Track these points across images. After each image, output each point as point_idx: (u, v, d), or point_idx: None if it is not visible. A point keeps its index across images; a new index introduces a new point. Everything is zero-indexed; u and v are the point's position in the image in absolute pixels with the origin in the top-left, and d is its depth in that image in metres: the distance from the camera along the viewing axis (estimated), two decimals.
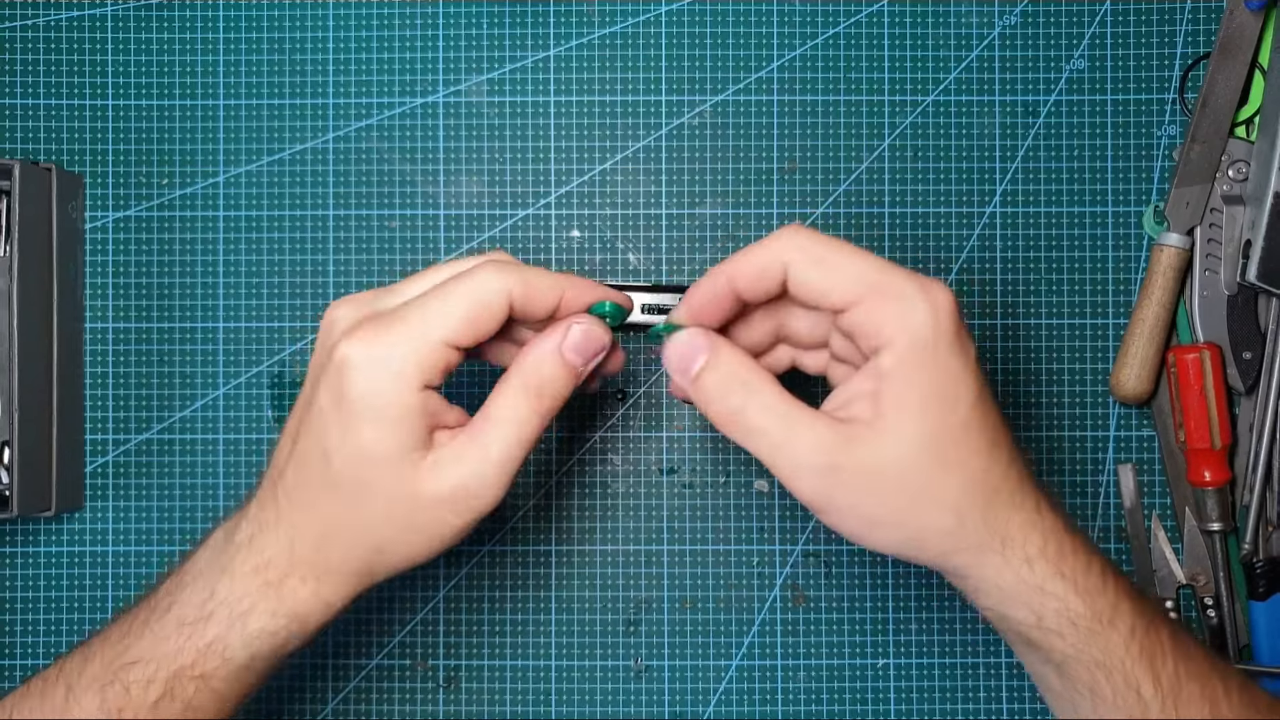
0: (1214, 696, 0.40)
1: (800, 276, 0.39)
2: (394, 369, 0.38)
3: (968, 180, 0.54)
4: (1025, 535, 0.39)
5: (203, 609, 0.40)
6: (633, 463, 0.54)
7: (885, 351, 0.38)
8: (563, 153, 0.54)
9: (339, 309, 0.41)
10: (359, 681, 0.54)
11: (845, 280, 0.38)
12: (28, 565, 0.54)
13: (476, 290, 0.39)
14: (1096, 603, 0.39)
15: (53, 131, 0.54)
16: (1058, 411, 0.54)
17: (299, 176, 0.54)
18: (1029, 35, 0.54)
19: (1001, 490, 0.39)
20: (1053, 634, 0.39)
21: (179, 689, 0.40)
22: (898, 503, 0.38)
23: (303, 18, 0.54)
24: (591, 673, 0.54)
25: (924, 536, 0.39)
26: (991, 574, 0.39)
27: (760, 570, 0.54)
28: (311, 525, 0.40)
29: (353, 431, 0.39)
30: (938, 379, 0.38)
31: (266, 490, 0.41)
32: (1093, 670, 0.39)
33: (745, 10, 0.54)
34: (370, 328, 0.39)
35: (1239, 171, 0.52)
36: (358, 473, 0.39)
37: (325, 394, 0.39)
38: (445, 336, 0.39)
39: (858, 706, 0.53)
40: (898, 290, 0.38)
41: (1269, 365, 0.51)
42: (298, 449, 0.40)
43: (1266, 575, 0.51)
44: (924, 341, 0.38)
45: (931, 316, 0.38)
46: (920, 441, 0.38)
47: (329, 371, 0.39)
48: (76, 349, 0.54)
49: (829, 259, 0.38)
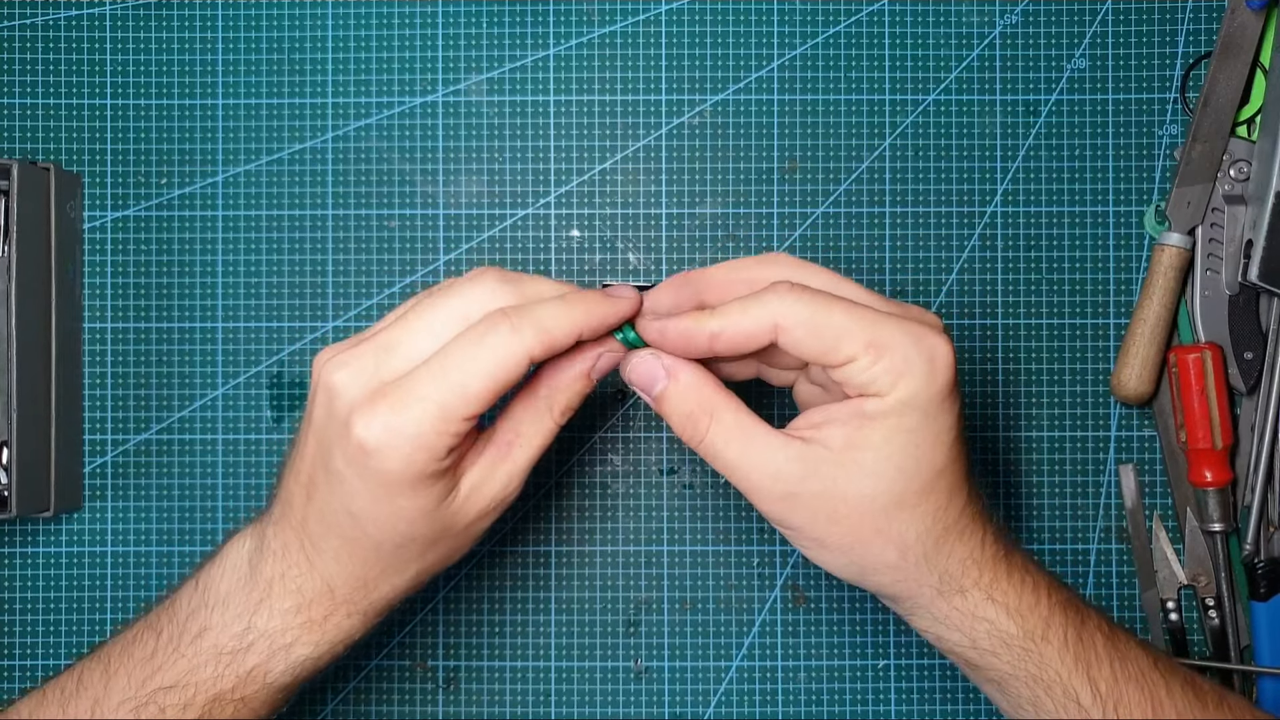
0: (1156, 696, 0.40)
1: (792, 341, 0.38)
2: (421, 444, 0.37)
3: (968, 180, 0.54)
4: (963, 569, 0.40)
5: (242, 639, 0.40)
6: (633, 463, 0.54)
7: (871, 401, 0.38)
8: (563, 152, 0.54)
9: (335, 373, 0.38)
10: (358, 682, 0.54)
11: (840, 343, 0.37)
12: (27, 566, 0.54)
13: (496, 360, 0.37)
14: (1028, 621, 0.40)
15: (51, 131, 0.54)
16: (1059, 412, 0.54)
17: (299, 176, 0.54)
18: (1030, 35, 0.54)
19: (951, 532, 0.40)
20: (987, 654, 0.41)
21: (217, 710, 0.41)
22: (848, 533, 0.39)
23: (303, 17, 0.54)
24: (591, 674, 0.54)
25: (867, 567, 0.40)
26: (925, 603, 0.41)
27: (760, 570, 0.54)
28: (350, 574, 0.40)
29: (384, 502, 0.38)
30: (918, 433, 0.38)
31: (288, 532, 0.41)
32: (1031, 686, 0.41)
33: (745, 10, 0.54)
34: (387, 406, 0.37)
35: (1240, 171, 0.52)
36: (396, 530, 0.39)
37: (346, 466, 0.38)
38: (466, 412, 0.37)
39: (858, 707, 0.53)
40: (893, 346, 0.37)
41: (1270, 365, 0.51)
42: (318, 504, 0.40)
43: (1268, 576, 0.51)
44: (914, 403, 0.38)
45: (927, 376, 0.37)
46: (883, 485, 0.38)
47: (347, 448, 0.37)
48: (75, 349, 0.54)
49: (821, 323, 0.37)
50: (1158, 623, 0.53)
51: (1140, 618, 0.53)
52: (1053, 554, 0.54)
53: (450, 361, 0.37)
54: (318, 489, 0.39)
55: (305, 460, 0.40)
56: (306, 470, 0.40)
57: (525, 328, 0.37)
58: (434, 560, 0.41)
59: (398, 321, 0.39)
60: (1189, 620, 0.53)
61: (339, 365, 0.38)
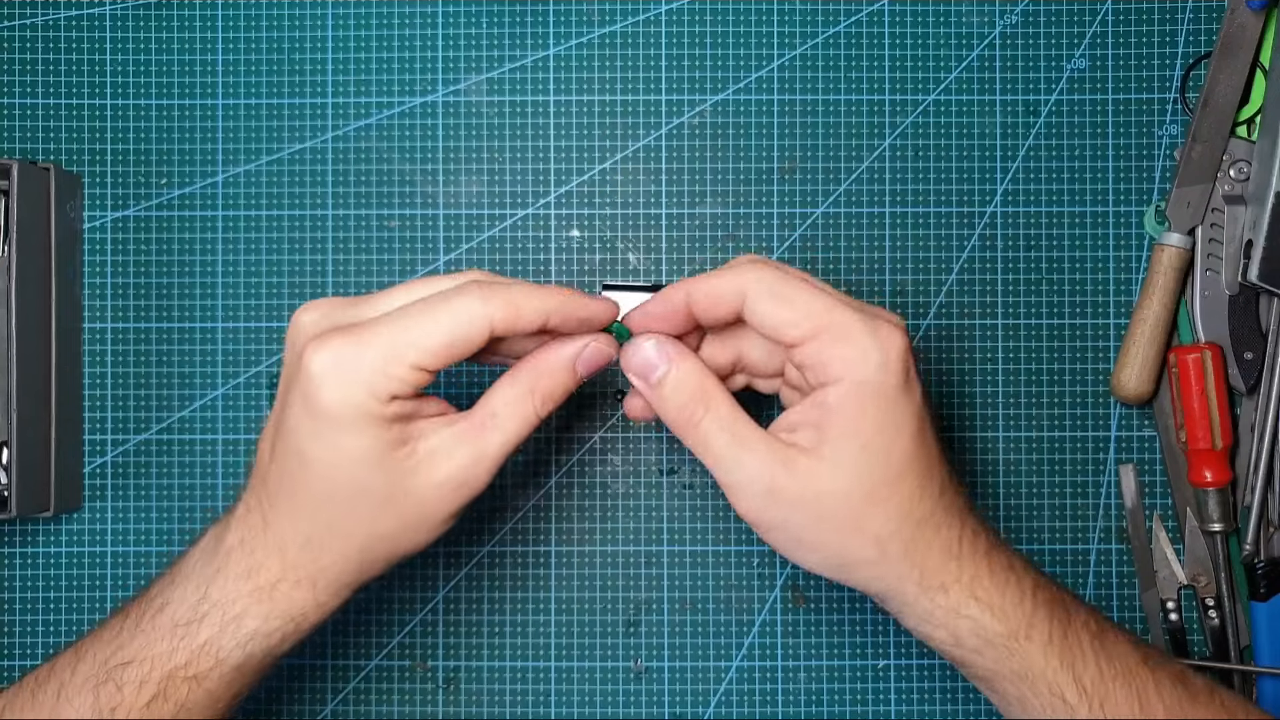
0: (1143, 693, 0.41)
1: (756, 308, 0.40)
2: (363, 379, 0.38)
3: (968, 180, 0.54)
4: (943, 565, 0.41)
5: (196, 610, 0.40)
6: (633, 463, 0.54)
7: (831, 388, 0.39)
8: (563, 153, 0.54)
9: (305, 313, 0.40)
10: (358, 682, 0.54)
11: (798, 316, 0.39)
12: (26, 566, 0.54)
13: (456, 317, 0.38)
14: (1011, 620, 0.41)
15: (51, 131, 0.54)
16: (1058, 412, 0.54)
17: (298, 176, 0.54)
18: (1030, 35, 0.54)
19: (926, 525, 0.41)
20: (971, 652, 0.41)
21: (172, 690, 0.40)
22: (825, 530, 0.40)
23: (303, 18, 0.54)
24: (591, 674, 0.54)
25: (846, 563, 0.41)
26: (910, 600, 0.41)
27: (760, 571, 0.54)
28: (299, 530, 0.40)
29: (327, 438, 0.38)
30: (879, 420, 0.39)
31: (251, 495, 0.41)
32: (1017, 684, 0.41)
33: (745, 10, 0.54)
34: (340, 337, 0.38)
35: (1240, 171, 0.52)
36: (339, 475, 0.39)
37: (297, 400, 0.39)
38: (416, 360, 0.38)
39: (858, 707, 0.53)
40: (848, 331, 0.39)
41: (1270, 365, 0.51)
42: (276, 454, 0.40)
43: (1268, 576, 0.51)
44: (869, 385, 0.39)
45: (880, 360, 0.39)
46: (854, 478, 0.39)
47: (299, 378, 0.38)
48: (75, 349, 0.54)
49: (785, 294, 0.40)
50: (1158, 623, 0.53)
51: (1140, 618, 0.54)
52: (1053, 554, 0.54)
53: (413, 310, 0.39)
54: (279, 438, 0.40)
55: (273, 414, 0.41)
56: (272, 422, 0.41)
57: (493, 297, 0.39)
58: (386, 531, 0.40)
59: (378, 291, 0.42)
60: (1189, 620, 0.53)
61: (308, 308, 0.41)
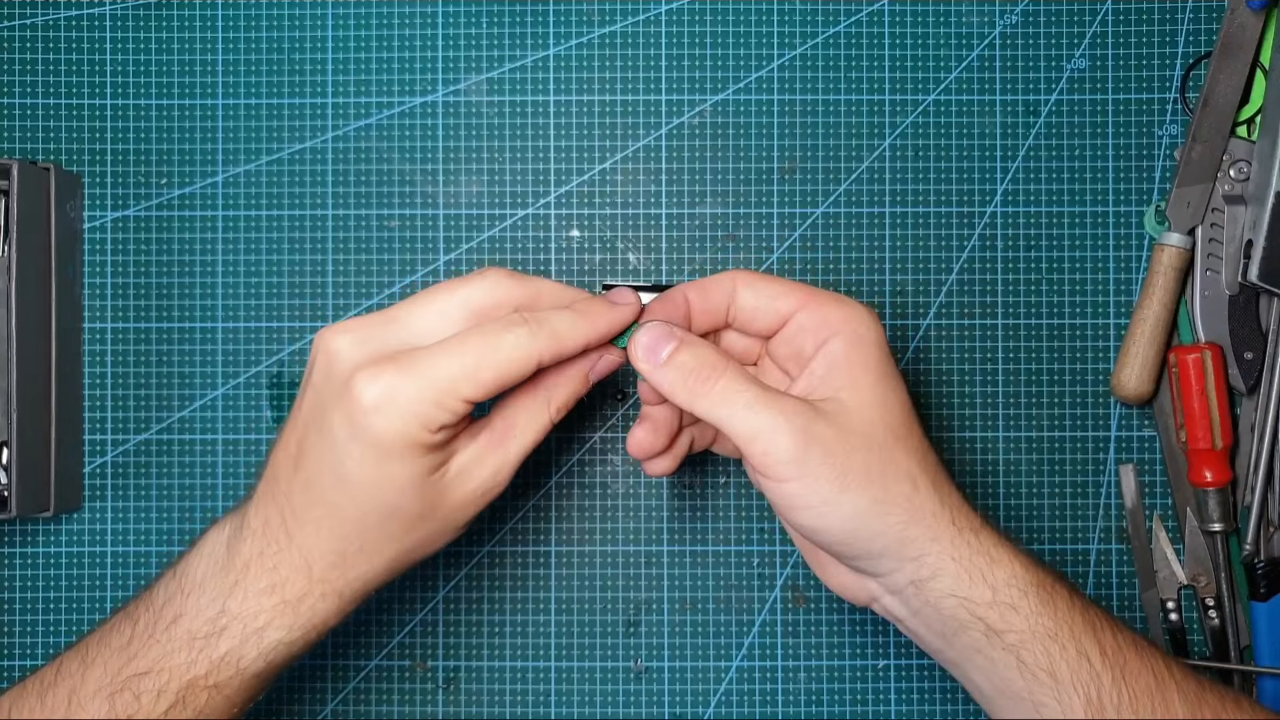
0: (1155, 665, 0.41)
1: (749, 290, 0.44)
2: (416, 412, 0.38)
3: (968, 180, 0.54)
4: (967, 510, 0.42)
5: (215, 624, 0.41)
6: (633, 463, 0.54)
7: (835, 339, 0.42)
8: (563, 153, 0.54)
9: (338, 337, 0.40)
10: (359, 682, 0.54)
11: (786, 293, 0.43)
12: (26, 566, 0.54)
13: (509, 355, 0.39)
14: (1037, 571, 0.41)
15: (52, 131, 0.54)
16: (1058, 412, 0.54)
17: (299, 176, 0.54)
18: (1029, 35, 0.54)
19: (941, 471, 0.43)
20: (1008, 608, 0.40)
21: (191, 698, 0.41)
22: (866, 461, 0.40)
23: (303, 18, 0.54)
24: (591, 674, 0.54)
25: (889, 498, 0.40)
26: (948, 545, 0.41)
27: (760, 570, 0.54)
28: (329, 548, 0.41)
29: (372, 464, 0.39)
30: (883, 364, 0.42)
31: (270, 507, 0.41)
32: (1048, 645, 0.40)
33: (745, 10, 0.54)
34: (393, 369, 0.38)
35: (1240, 171, 0.52)
36: (379, 498, 0.40)
37: (340, 425, 0.39)
38: (468, 394, 0.39)
39: (858, 707, 0.53)
40: (832, 298, 0.43)
41: (1270, 365, 0.51)
42: (305, 472, 0.40)
43: (1267, 576, 0.51)
44: (866, 335, 0.42)
45: (867, 317, 0.43)
46: (880, 412, 0.41)
47: (345, 406, 0.39)
48: (75, 349, 0.54)
49: (769, 279, 0.44)
50: (1158, 623, 0.53)
51: (1140, 618, 0.54)
52: (1053, 554, 0.54)
53: (467, 345, 0.39)
54: (307, 456, 0.40)
55: (297, 428, 0.41)
56: (296, 439, 0.41)
57: (540, 333, 0.40)
58: (413, 544, 0.42)
59: (404, 302, 0.41)
60: (1189, 620, 0.53)
61: (341, 331, 0.40)
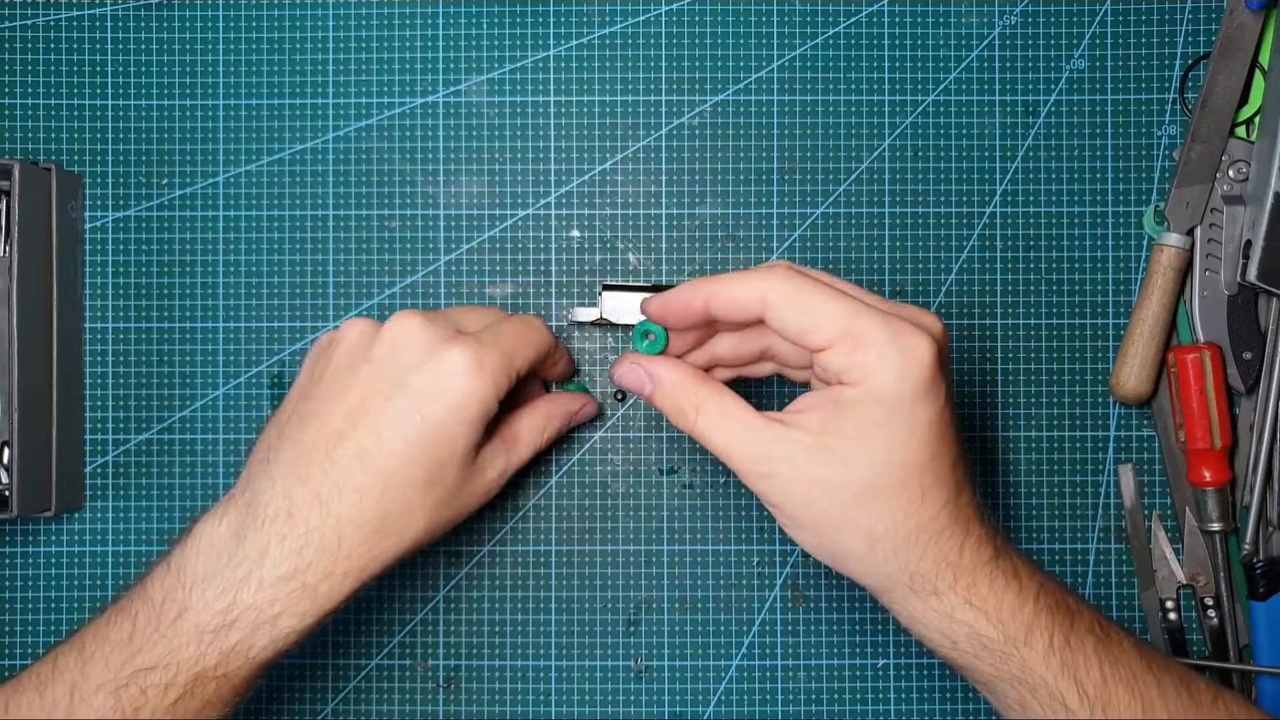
0: (1147, 698, 0.41)
1: (777, 317, 0.40)
2: (493, 381, 0.43)
3: (968, 180, 0.54)
4: (937, 572, 0.41)
5: (225, 616, 0.41)
6: (633, 463, 0.54)
7: (847, 390, 0.39)
8: (563, 153, 0.54)
9: (411, 319, 0.44)
10: (359, 682, 0.54)
11: (820, 324, 0.39)
12: (28, 565, 0.54)
13: (541, 341, 0.47)
14: (1009, 626, 0.40)
15: (53, 131, 0.54)
16: (1058, 411, 0.54)
17: (299, 176, 0.54)
18: (1029, 35, 0.54)
19: (924, 531, 0.40)
20: (968, 655, 0.41)
21: (199, 689, 0.41)
22: (819, 516, 0.40)
23: (303, 18, 0.54)
24: (591, 673, 0.54)
25: (836, 554, 0.41)
26: (900, 600, 0.41)
27: (760, 570, 0.54)
28: (373, 513, 0.42)
29: (442, 426, 0.42)
30: (888, 428, 0.39)
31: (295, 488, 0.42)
32: (1017, 688, 0.41)
33: (745, 10, 0.54)
34: (475, 342, 0.43)
35: (1239, 171, 0.52)
36: (438, 460, 0.43)
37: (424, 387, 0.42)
38: (521, 368, 0.45)
39: (858, 706, 0.53)
40: (868, 338, 0.39)
41: (1269, 365, 0.51)
42: (356, 442, 0.42)
43: (1266, 575, 0.51)
44: (883, 394, 0.39)
45: (898, 368, 0.39)
46: (853, 474, 0.40)
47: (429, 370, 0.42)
48: (76, 349, 0.54)
49: (805, 303, 0.40)
50: (1157, 622, 0.53)
51: (1139, 617, 0.54)
52: (1052, 554, 0.54)
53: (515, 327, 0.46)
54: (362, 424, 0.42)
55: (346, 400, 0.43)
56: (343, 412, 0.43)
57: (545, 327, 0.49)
58: (436, 522, 0.44)
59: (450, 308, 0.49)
60: (1188, 620, 0.53)
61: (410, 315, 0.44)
